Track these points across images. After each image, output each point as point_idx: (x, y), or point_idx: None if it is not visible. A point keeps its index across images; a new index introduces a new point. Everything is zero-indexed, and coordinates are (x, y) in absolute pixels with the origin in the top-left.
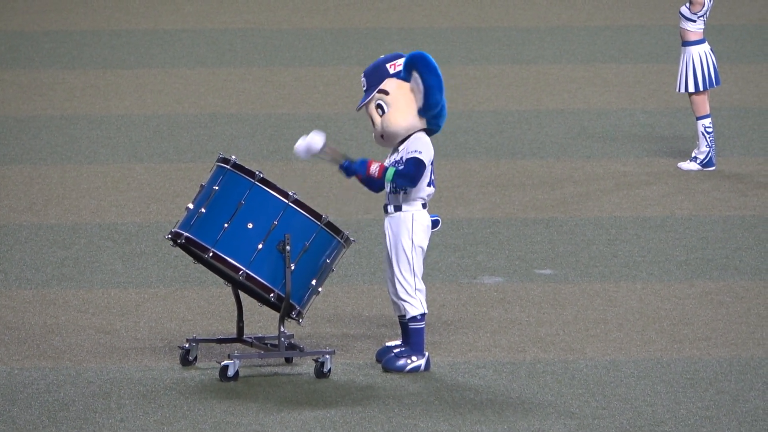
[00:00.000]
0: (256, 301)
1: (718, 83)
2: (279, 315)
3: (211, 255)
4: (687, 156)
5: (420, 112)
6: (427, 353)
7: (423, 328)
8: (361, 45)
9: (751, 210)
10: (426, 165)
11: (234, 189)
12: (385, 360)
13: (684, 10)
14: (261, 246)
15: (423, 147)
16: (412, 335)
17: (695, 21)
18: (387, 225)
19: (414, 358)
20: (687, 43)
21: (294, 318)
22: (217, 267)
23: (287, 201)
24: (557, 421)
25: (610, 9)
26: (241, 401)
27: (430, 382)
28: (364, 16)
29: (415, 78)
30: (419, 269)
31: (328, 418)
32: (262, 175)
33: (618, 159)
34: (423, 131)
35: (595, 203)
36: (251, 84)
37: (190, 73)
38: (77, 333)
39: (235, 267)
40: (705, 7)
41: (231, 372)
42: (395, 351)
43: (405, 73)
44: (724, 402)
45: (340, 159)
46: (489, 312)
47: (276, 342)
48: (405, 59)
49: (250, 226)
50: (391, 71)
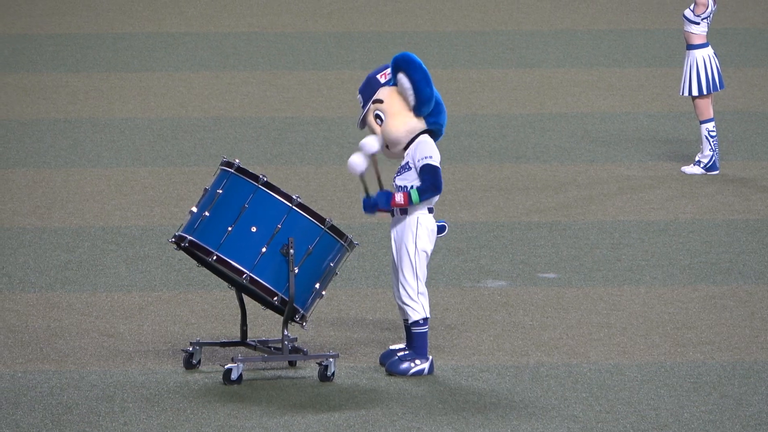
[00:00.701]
0: (259, 305)
1: (722, 87)
2: (282, 318)
3: (215, 258)
4: (691, 160)
5: (415, 111)
6: (431, 357)
7: (426, 332)
8: (365, 49)
9: (755, 214)
10: (439, 166)
11: (238, 192)
12: (389, 363)
13: (688, 12)
14: (264, 249)
15: (430, 150)
16: (415, 339)
17: (699, 24)
18: (393, 229)
19: (418, 361)
20: (691, 47)
21: (298, 321)
22: (221, 270)
23: (291, 204)
24: (561, 425)
25: (613, 12)
26: (245, 405)
27: (433, 385)
28: (367, 19)
29: (401, 79)
30: (423, 273)
31: (331, 421)
32: (265, 179)
33: (621, 163)
34: (425, 133)
35: (599, 207)
36: (255, 87)
37: (193, 77)
38: (81, 336)
39: (239, 270)
40: (708, 9)
41: (234, 375)
42: (399, 354)
43: (393, 78)
44: (727, 406)
45: (372, 185)
46: (492, 316)
47: (279, 345)
48: (391, 62)
49: (253, 229)
50: (382, 81)
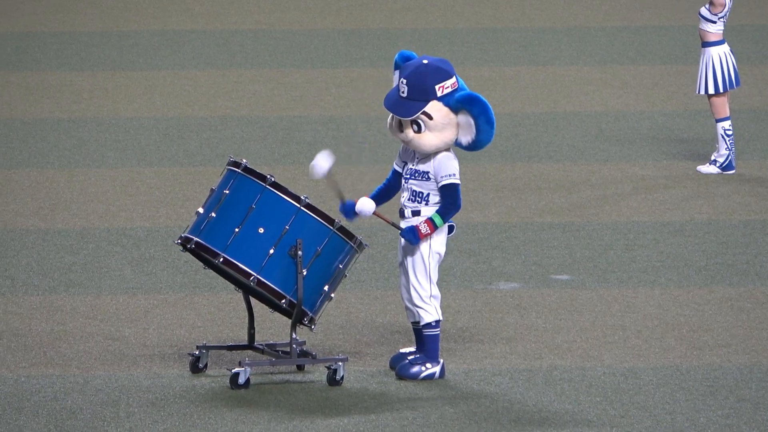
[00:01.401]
0: (267, 308)
1: (738, 85)
2: (291, 321)
3: (222, 260)
4: (706, 159)
5: (458, 144)
6: (442, 360)
7: (438, 334)
8: (374, 46)
9: None
10: (460, 183)
11: (245, 193)
12: (399, 367)
13: (704, 11)
14: (272, 251)
15: (453, 167)
16: (426, 342)
17: (715, 22)
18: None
19: (428, 365)
20: (706, 44)
21: (306, 324)
22: (228, 272)
23: (299, 205)
24: (574, 430)
25: (627, 9)
26: (252, 409)
27: (444, 389)
28: (377, 16)
29: (470, 124)
30: (435, 275)
31: (341, 426)
32: (273, 179)
33: (636, 162)
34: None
35: (613, 207)
36: (262, 86)
37: (199, 75)
38: (85, 340)
39: (246, 272)
40: (726, 8)
41: (242, 379)
42: (409, 358)
43: (455, 107)
44: (744, 410)
45: (339, 195)
46: (505, 318)
47: (288, 349)
48: (464, 99)
49: (261, 230)
50: (439, 93)
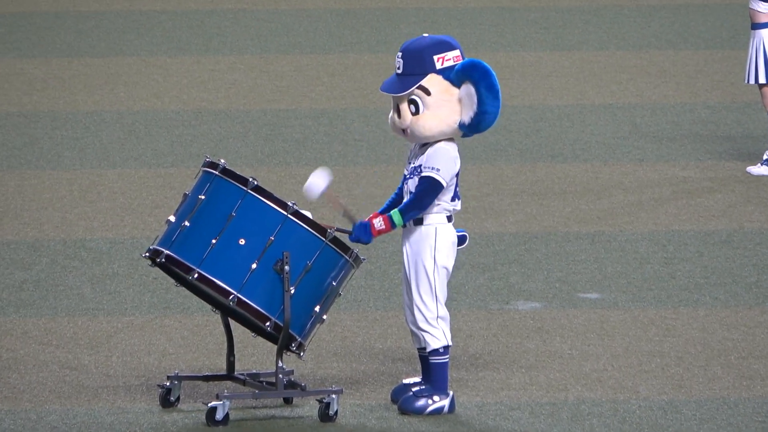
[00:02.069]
0: (249, 331)
1: None
2: (276, 347)
3: (197, 276)
4: (757, 158)
5: (461, 126)
6: (452, 392)
7: (446, 362)
8: (373, 28)
9: None
10: (442, 184)
11: (223, 199)
12: (402, 400)
13: None
14: (255, 266)
15: (443, 162)
16: (433, 371)
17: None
18: (405, 241)
19: (436, 398)
20: (757, 26)
21: (294, 351)
22: (204, 291)
23: (286, 213)
24: None
25: None
26: None
27: (455, 426)
28: None
29: (470, 94)
30: (442, 294)
31: None
32: (256, 183)
33: (676, 162)
34: (452, 139)
35: (650, 215)
36: (243, 75)
37: (170, 62)
38: (38, 369)
39: (225, 291)
40: None
41: (220, 415)
42: (414, 390)
43: (456, 78)
44: None
45: (348, 216)
46: (524, 344)
47: (273, 379)
48: (463, 66)
49: (242, 242)
50: (438, 66)
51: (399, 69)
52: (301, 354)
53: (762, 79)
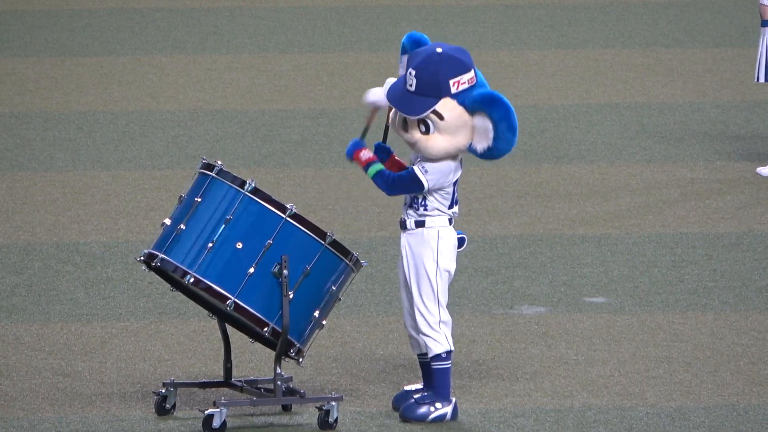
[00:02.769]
0: (246, 337)
1: None
2: (275, 353)
3: (193, 281)
4: (767, 159)
5: (471, 149)
6: (454, 399)
7: (449, 368)
8: (373, 27)
9: None
10: (423, 186)
11: (220, 201)
12: (404, 407)
13: None
14: (252, 270)
15: (436, 170)
16: (435, 377)
17: None
18: (405, 244)
19: (438, 405)
20: (767, 23)
21: (293, 357)
22: (200, 295)
23: (284, 216)
24: None
25: None
26: None
27: None
28: None
29: (487, 129)
30: (444, 298)
31: None
32: (253, 185)
33: (684, 163)
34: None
35: (657, 217)
36: (240, 74)
37: (166, 62)
38: (31, 376)
39: (222, 295)
40: None
41: (217, 422)
42: (416, 396)
43: (473, 107)
44: None
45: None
46: (529, 349)
47: (271, 386)
48: (483, 99)
49: (239, 245)
50: (453, 90)
51: (411, 87)
52: (300, 360)
53: None
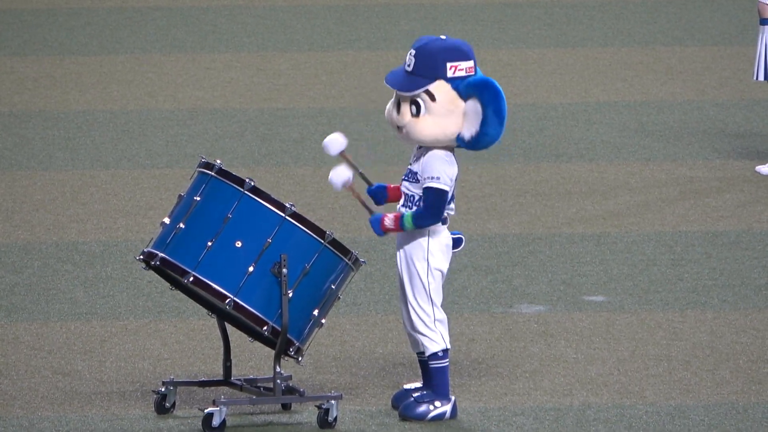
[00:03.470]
0: (246, 336)
1: None
2: (274, 352)
3: (192, 280)
4: (767, 158)
5: (459, 139)
6: (454, 397)
7: (446, 366)
8: (372, 25)
9: None
10: (446, 190)
11: (219, 200)
12: (403, 406)
13: None
14: (252, 269)
15: (439, 168)
16: (434, 376)
17: None
18: (399, 245)
19: (438, 403)
20: (766, 21)
21: (292, 356)
22: (199, 294)
23: (283, 214)
24: None
25: None
26: None
27: None
28: None
29: (477, 112)
30: (438, 297)
31: None
32: (252, 184)
33: (683, 162)
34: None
35: (656, 215)
36: (239, 73)
37: (165, 60)
38: (30, 375)
39: (221, 294)
40: None
41: (216, 421)
42: (415, 395)
43: (465, 92)
44: None
45: (364, 206)
46: (528, 348)
47: (270, 385)
48: (475, 83)
49: (238, 244)
50: (449, 74)
51: (409, 67)
52: (300, 359)
53: None
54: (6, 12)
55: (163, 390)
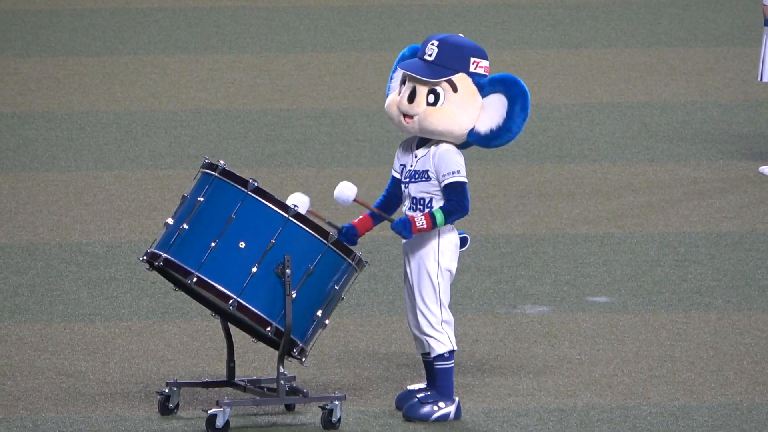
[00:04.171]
0: (249, 337)
1: None
2: (278, 353)
3: (195, 280)
4: None
5: (471, 134)
6: (458, 398)
7: (452, 367)
8: (376, 26)
9: None
10: (465, 180)
11: (222, 201)
12: (407, 407)
13: None
14: (255, 269)
15: (456, 163)
16: (438, 377)
17: None
18: (407, 245)
19: (442, 404)
20: None
21: (296, 356)
22: (203, 295)
23: (287, 215)
24: None
25: None
26: None
27: None
28: None
29: (501, 106)
30: (446, 298)
31: None
32: (256, 184)
33: (687, 162)
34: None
35: (660, 216)
36: (242, 74)
37: (168, 61)
38: (34, 376)
39: (225, 295)
40: None
41: (220, 422)
42: (419, 396)
43: (489, 88)
44: None
45: (383, 217)
46: (532, 348)
47: (274, 386)
48: (503, 79)
49: (242, 245)
50: (472, 69)
51: (431, 56)
52: (303, 359)
53: None
54: (9, 13)
55: (167, 391)
